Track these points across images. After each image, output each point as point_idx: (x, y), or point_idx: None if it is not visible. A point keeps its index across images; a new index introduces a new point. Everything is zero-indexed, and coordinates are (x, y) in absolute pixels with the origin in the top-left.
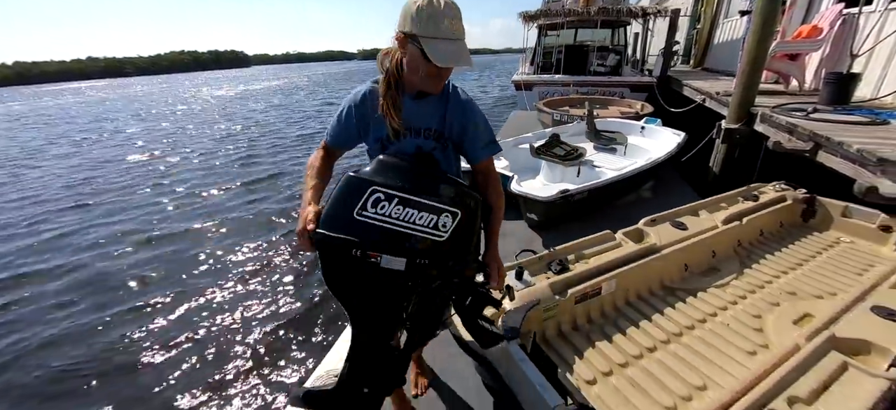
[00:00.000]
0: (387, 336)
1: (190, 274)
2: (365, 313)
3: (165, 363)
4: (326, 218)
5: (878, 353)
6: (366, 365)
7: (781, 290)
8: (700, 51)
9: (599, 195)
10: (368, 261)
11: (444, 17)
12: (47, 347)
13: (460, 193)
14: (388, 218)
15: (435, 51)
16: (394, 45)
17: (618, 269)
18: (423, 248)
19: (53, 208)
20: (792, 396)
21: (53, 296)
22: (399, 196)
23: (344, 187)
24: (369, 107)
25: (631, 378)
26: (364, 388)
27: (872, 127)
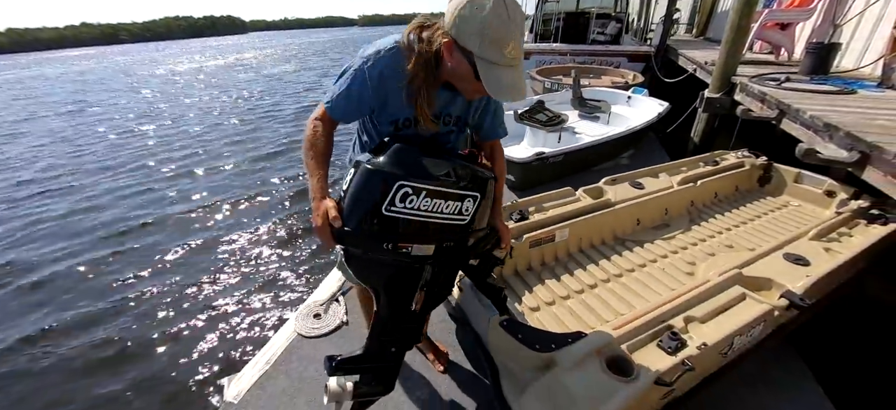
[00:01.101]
0: (408, 303)
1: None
2: (390, 290)
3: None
4: (352, 215)
5: (777, 288)
6: (391, 330)
7: (721, 244)
8: (703, 20)
9: (576, 159)
10: (400, 252)
11: (511, 40)
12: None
13: (479, 177)
14: (417, 210)
15: (494, 82)
16: (426, 22)
17: (572, 220)
18: (450, 233)
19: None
20: (688, 315)
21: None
22: (427, 188)
23: (367, 181)
24: (389, 82)
25: (569, 307)
26: (391, 348)
27: (838, 96)
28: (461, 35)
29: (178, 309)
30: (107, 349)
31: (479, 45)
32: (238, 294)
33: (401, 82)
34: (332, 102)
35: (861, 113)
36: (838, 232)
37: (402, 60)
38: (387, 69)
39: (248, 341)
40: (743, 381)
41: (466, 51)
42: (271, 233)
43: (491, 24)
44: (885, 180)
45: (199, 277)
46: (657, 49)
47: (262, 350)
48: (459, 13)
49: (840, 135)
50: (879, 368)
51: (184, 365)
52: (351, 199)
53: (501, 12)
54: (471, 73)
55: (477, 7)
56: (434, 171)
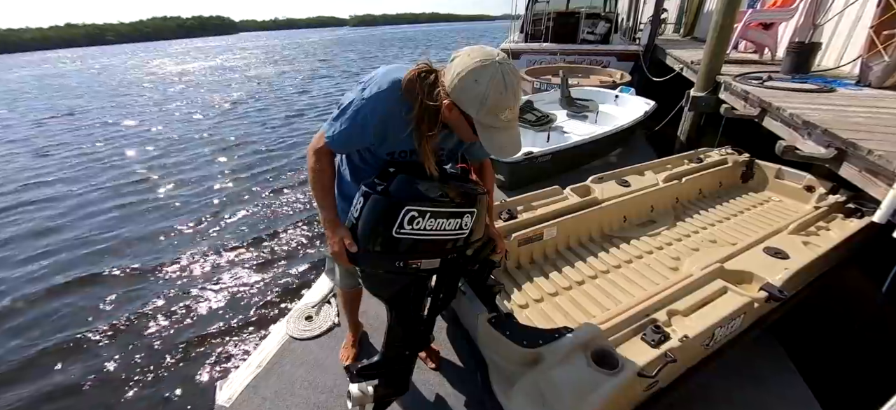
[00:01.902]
0: (418, 310)
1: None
2: (402, 301)
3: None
4: (365, 239)
5: (757, 281)
6: (404, 336)
7: (704, 239)
8: (690, 19)
9: (564, 158)
10: (411, 269)
11: (507, 107)
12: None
13: (474, 194)
14: (423, 231)
15: (492, 144)
16: (427, 71)
17: (560, 218)
18: (453, 246)
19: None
20: (671, 309)
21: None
22: (431, 210)
23: (376, 209)
24: (390, 121)
25: (557, 303)
26: (405, 351)
27: (817, 94)
28: (460, 101)
29: (169, 312)
30: (95, 353)
31: (476, 111)
32: (229, 297)
33: (399, 120)
34: (332, 137)
35: (839, 110)
36: (816, 226)
37: (402, 103)
38: (388, 111)
39: (240, 343)
40: (725, 372)
41: (466, 114)
42: (261, 236)
43: (490, 96)
44: (860, 176)
45: (189, 281)
46: (645, 48)
47: (254, 352)
48: (460, 84)
49: (818, 133)
50: (857, 356)
51: (175, 369)
52: (364, 225)
53: (499, 85)
54: (470, 131)
55: (476, 79)
56: (436, 194)
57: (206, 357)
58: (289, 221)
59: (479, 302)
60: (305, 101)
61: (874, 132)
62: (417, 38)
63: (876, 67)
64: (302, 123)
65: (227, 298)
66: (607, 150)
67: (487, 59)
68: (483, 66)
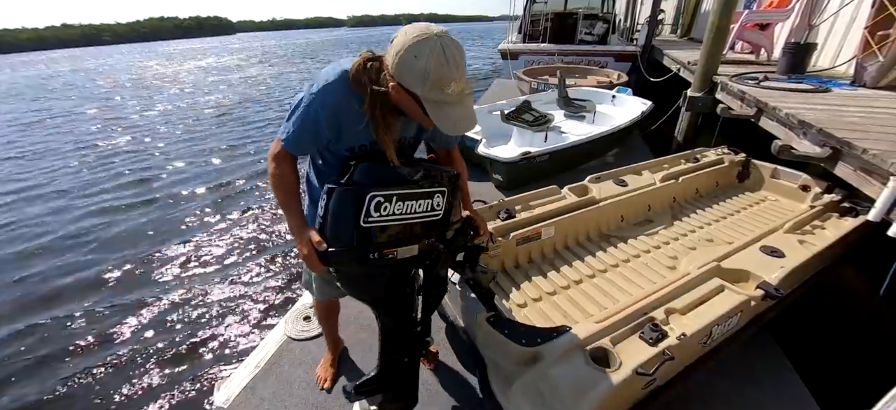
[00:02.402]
0: (409, 310)
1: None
2: (388, 301)
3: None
4: (334, 236)
5: (753, 279)
6: (399, 341)
7: (701, 238)
8: (687, 20)
9: (562, 158)
10: (387, 259)
11: (452, 81)
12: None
13: (440, 173)
14: (392, 216)
15: (443, 119)
16: (372, 57)
17: (558, 217)
18: (428, 230)
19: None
20: (669, 308)
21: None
22: (396, 193)
23: (341, 202)
24: (342, 114)
25: (555, 302)
26: (404, 358)
27: (813, 94)
28: (404, 80)
29: (166, 314)
30: (92, 355)
31: (421, 88)
32: (227, 298)
33: (352, 113)
34: (287, 138)
35: (834, 110)
36: (812, 224)
37: (350, 91)
38: (337, 102)
39: (238, 344)
40: (722, 370)
41: (412, 93)
42: (259, 238)
43: (431, 70)
44: (855, 175)
45: (187, 283)
46: (643, 49)
47: (252, 353)
48: (400, 62)
49: (813, 132)
50: (853, 354)
51: (173, 370)
52: (331, 222)
53: (439, 57)
54: (420, 110)
55: (416, 54)
56: (399, 176)
57: (203, 357)
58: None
59: (478, 302)
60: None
61: (869, 131)
62: None
63: (871, 68)
64: None
65: (225, 299)
66: (605, 150)
67: (425, 33)
68: (421, 40)
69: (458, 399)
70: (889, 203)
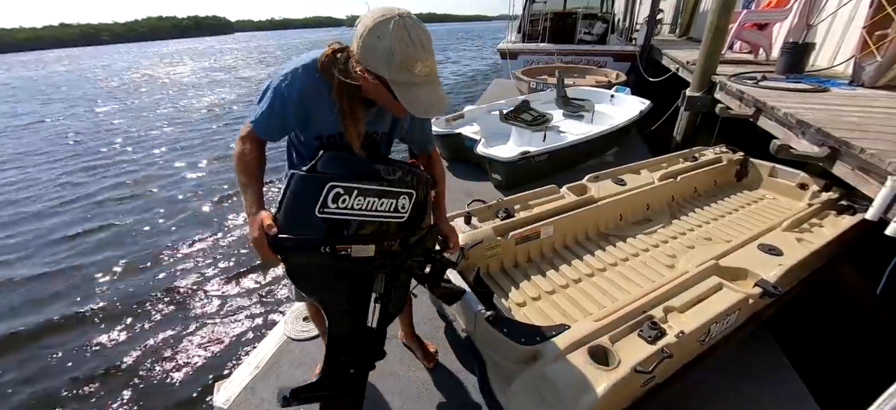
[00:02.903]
0: (362, 318)
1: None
2: (339, 303)
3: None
4: (286, 222)
5: (751, 277)
6: (347, 349)
7: (700, 236)
8: (686, 20)
9: (560, 157)
10: (339, 255)
11: (418, 60)
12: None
13: (410, 173)
14: (350, 210)
15: (412, 102)
16: (339, 47)
17: (557, 217)
18: (389, 231)
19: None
20: (667, 306)
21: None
22: (358, 187)
23: (298, 187)
24: (310, 102)
25: (554, 301)
26: (350, 370)
27: (811, 94)
28: (369, 63)
29: (166, 314)
30: (91, 356)
31: (387, 70)
32: (227, 298)
33: (321, 101)
34: (256, 121)
35: (832, 110)
36: (810, 223)
37: (319, 79)
38: (305, 88)
39: (238, 345)
40: (721, 367)
41: (379, 76)
42: None
43: (395, 50)
44: (853, 174)
45: (187, 283)
46: (642, 48)
47: (252, 353)
48: (364, 44)
49: (812, 132)
50: (851, 351)
51: (172, 372)
52: (285, 207)
53: (403, 37)
54: (389, 96)
55: (378, 35)
56: (363, 170)
57: (203, 358)
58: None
59: (477, 301)
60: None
61: (867, 131)
62: None
63: (869, 67)
64: None
65: (224, 300)
66: (603, 150)
67: (387, 13)
68: (382, 21)
69: (457, 398)
70: (887, 202)
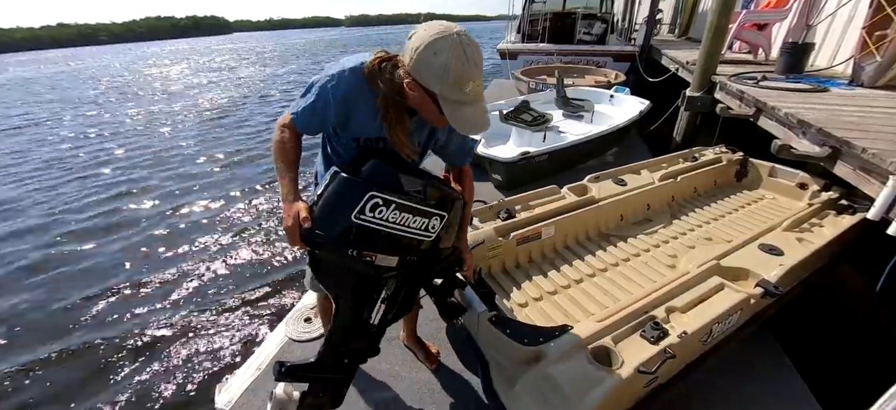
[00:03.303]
0: (368, 315)
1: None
2: (350, 299)
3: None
4: (322, 219)
5: (752, 277)
6: (347, 340)
7: (700, 237)
8: (685, 20)
9: (561, 158)
10: (363, 260)
11: (470, 80)
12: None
13: (447, 197)
14: (385, 222)
15: (458, 119)
16: (386, 56)
17: (558, 217)
18: (414, 247)
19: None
20: (669, 306)
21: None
22: (397, 202)
23: (341, 189)
24: (352, 104)
25: (556, 301)
26: (344, 359)
27: (811, 94)
28: (422, 77)
29: (167, 316)
30: (90, 357)
31: (440, 86)
32: (228, 299)
33: (363, 105)
34: (296, 114)
35: (833, 110)
36: (810, 222)
37: (364, 84)
38: (349, 90)
39: (239, 346)
40: (722, 367)
41: (428, 90)
42: (260, 239)
43: (451, 68)
44: (854, 174)
45: (189, 283)
46: (641, 49)
47: (253, 354)
48: (419, 58)
49: (813, 132)
50: (852, 351)
51: (174, 372)
52: (324, 204)
53: (459, 55)
54: (435, 110)
55: (435, 51)
56: (406, 187)
57: (204, 359)
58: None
59: (480, 301)
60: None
61: (868, 131)
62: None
63: (868, 67)
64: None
65: (226, 301)
66: (603, 150)
67: (445, 31)
68: (441, 37)
69: (460, 399)
70: (889, 201)
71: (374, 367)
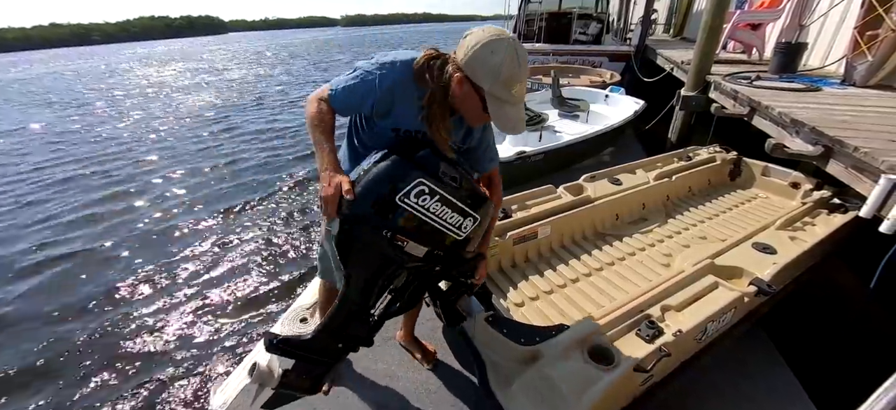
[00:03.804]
0: (372, 303)
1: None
2: (365, 281)
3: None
4: (365, 194)
5: (746, 276)
6: (348, 323)
7: (695, 236)
8: (680, 20)
9: (557, 157)
10: (394, 243)
11: (518, 82)
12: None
13: (484, 201)
14: (425, 210)
15: (502, 118)
16: (436, 53)
17: (554, 216)
18: (444, 243)
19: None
20: (665, 305)
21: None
22: (441, 194)
23: (391, 168)
24: (398, 96)
25: (552, 301)
26: (339, 343)
27: (804, 93)
28: (475, 74)
29: (161, 318)
30: (84, 359)
31: (491, 84)
32: (222, 301)
33: (408, 98)
34: (335, 91)
35: (825, 109)
36: (802, 221)
37: (411, 79)
38: (397, 82)
39: (235, 347)
40: (716, 365)
41: (477, 87)
42: (254, 240)
43: (504, 68)
44: (847, 172)
45: (181, 286)
46: (636, 49)
47: (249, 356)
48: (474, 54)
49: (806, 131)
50: (844, 348)
51: (168, 374)
52: (371, 179)
53: (512, 57)
54: (480, 106)
55: (492, 51)
56: (451, 182)
57: (199, 361)
58: (281, 224)
59: (476, 301)
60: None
61: (860, 129)
62: (410, 39)
63: (860, 67)
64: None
65: (221, 302)
66: (599, 149)
67: (502, 34)
68: (498, 39)
69: (457, 399)
70: (881, 199)
71: (369, 368)
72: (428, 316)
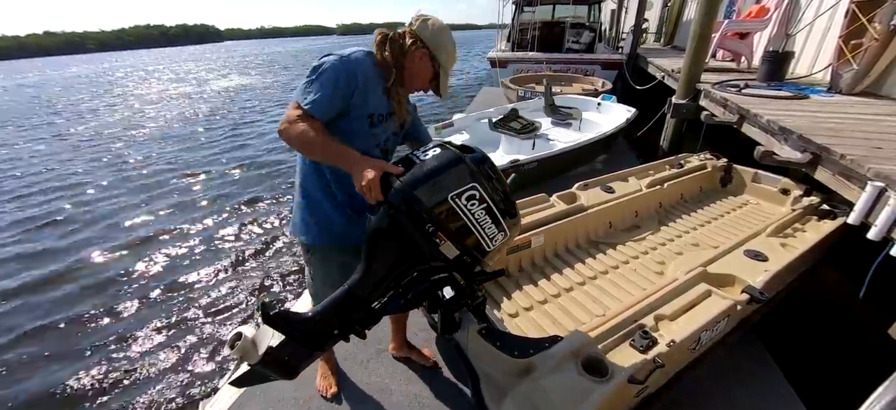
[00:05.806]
0: (379, 295)
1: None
2: (381, 270)
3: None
4: (417, 184)
5: (739, 283)
6: (354, 308)
7: (687, 243)
8: (670, 28)
9: (550, 165)
10: (431, 239)
11: (455, 59)
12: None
13: (516, 218)
14: (470, 214)
15: (445, 85)
16: (389, 32)
17: (547, 225)
18: (475, 248)
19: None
20: (659, 314)
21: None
22: (489, 204)
23: (451, 166)
24: (370, 82)
25: (546, 311)
26: (335, 329)
27: (792, 101)
28: (437, 49)
29: (153, 328)
30: (72, 369)
31: (444, 58)
32: (213, 312)
33: (377, 82)
34: (313, 103)
35: (812, 116)
36: (793, 228)
37: (375, 66)
38: (368, 70)
39: (226, 360)
40: (710, 373)
41: (436, 60)
42: (245, 250)
43: (451, 45)
44: (834, 179)
45: (173, 296)
46: (628, 57)
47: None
48: (440, 36)
49: (794, 138)
50: (835, 353)
51: (157, 390)
52: (427, 171)
53: (452, 38)
54: (428, 75)
55: (445, 32)
56: (499, 193)
57: (190, 374)
58: (271, 234)
59: (469, 314)
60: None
61: (846, 137)
62: None
63: (846, 75)
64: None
65: (211, 314)
66: (591, 157)
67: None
68: (446, 26)
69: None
70: (867, 207)
71: (363, 381)
72: (422, 326)
